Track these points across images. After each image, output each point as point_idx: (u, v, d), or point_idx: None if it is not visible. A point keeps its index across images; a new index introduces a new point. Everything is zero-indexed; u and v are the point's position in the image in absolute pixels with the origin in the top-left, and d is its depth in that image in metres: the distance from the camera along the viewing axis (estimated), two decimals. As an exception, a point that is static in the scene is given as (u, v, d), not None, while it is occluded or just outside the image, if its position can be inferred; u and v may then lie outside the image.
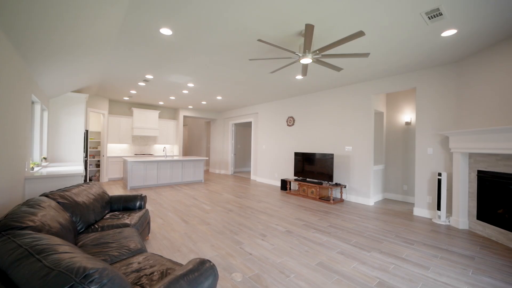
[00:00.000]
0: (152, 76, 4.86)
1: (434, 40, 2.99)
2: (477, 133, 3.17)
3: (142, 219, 2.50)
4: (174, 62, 3.98)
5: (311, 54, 2.75)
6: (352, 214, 4.09)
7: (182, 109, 8.94)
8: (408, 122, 5.22)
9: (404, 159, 5.27)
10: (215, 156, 10.04)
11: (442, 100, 3.93)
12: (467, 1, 2.22)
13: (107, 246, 1.67)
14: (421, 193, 4.15)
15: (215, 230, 3.19)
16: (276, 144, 7.18)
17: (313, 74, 4.54)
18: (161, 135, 8.72)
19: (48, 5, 1.73)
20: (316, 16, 2.49)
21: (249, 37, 3.00)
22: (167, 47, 3.35)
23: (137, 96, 6.92)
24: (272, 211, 4.18)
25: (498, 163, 3.03)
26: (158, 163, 6.54)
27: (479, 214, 3.32)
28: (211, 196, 5.31)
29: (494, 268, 2.31)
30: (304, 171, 5.77)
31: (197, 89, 5.89)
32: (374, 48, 3.26)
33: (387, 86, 4.62)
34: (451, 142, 3.63)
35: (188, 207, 4.34)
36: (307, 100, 6.24)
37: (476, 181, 3.35)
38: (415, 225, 3.57)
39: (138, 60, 3.93)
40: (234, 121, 9.27)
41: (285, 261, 2.37)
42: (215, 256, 2.45)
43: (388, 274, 2.14)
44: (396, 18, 2.50)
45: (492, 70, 3.17)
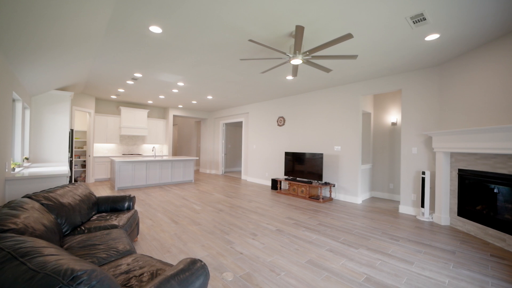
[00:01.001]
0: (141, 75, 4.77)
1: (418, 43, 3.11)
2: (458, 134, 3.32)
3: (131, 220, 2.46)
4: (164, 60, 3.92)
5: (301, 55, 2.79)
6: (340, 212, 4.18)
7: (171, 109, 8.81)
8: (394, 123, 5.39)
9: (390, 159, 5.43)
10: (206, 156, 9.96)
11: (426, 102, 4.09)
12: (449, 8, 2.32)
13: (94, 248, 1.63)
14: (406, 191, 4.29)
15: (206, 230, 3.17)
16: (267, 144, 7.22)
17: (303, 75, 4.60)
18: (150, 135, 8.55)
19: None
20: (306, 18, 2.53)
21: (240, 37, 3.01)
22: (157, 45, 3.31)
23: (125, 94, 6.77)
24: (263, 211, 4.21)
25: (477, 162, 3.19)
26: (147, 163, 6.42)
27: (460, 211, 3.48)
28: (201, 196, 5.28)
29: (472, 261, 2.44)
30: (295, 170, 5.84)
31: (187, 88, 5.83)
32: (362, 50, 3.34)
33: (375, 87, 4.75)
34: (434, 142, 3.78)
35: (178, 208, 4.29)
36: (298, 100, 6.31)
37: (457, 179, 3.51)
38: (401, 222, 3.70)
39: (126, 58, 3.84)
40: (224, 120, 9.23)
41: (276, 259, 2.40)
42: (205, 256, 2.44)
43: (375, 270, 2.22)
44: (383, 21, 2.59)
45: (471, 74, 3.33)
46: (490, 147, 2.88)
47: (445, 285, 1.99)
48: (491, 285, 2.01)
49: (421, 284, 1.99)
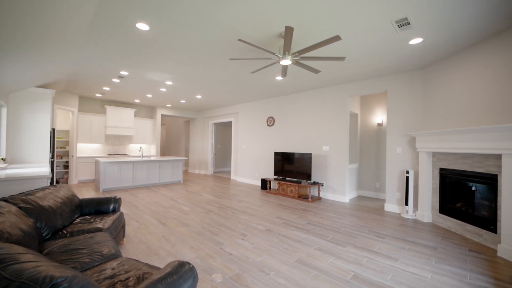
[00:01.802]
0: (127, 73, 4.64)
1: (403, 47, 3.21)
2: (439, 134, 3.46)
3: (116, 222, 2.38)
4: (152, 58, 3.83)
5: (290, 56, 2.81)
6: (329, 211, 4.25)
7: (159, 108, 8.63)
8: (380, 123, 5.54)
9: (376, 158, 5.58)
10: (195, 156, 9.84)
11: (410, 103, 4.23)
12: (431, 13, 2.41)
13: (77, 253, 1.57)
14: (391, 190, 4.43)
15: (195, 232, 3.13)
16: (257, 144, 7.22)
17: (293, 75, 4.64)
18: (137, 135, 8.34)
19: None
20: (296, 20, 2.55)
21: (229, 36, 2.99)
22: (144, 43, 3.23)
23: (111, 93, 6.56)
24: (252, 211, 4.20)
25: (456, 161, 3.34)
26: (134, 164, 6.26)
27: (441, 208, 3.63)
28: (190, 197, 5.20)
29: (453, 256, 2.55)
30: (284, 170, 5.88)
31: (176, 87, 5.73)
32: (349, 52, 3.41)
33: (361, 88, 4.86)
34: (417, 142, 3.92)
35: (166, 209, 4.21)
36: (287, 101, 6.36)
37: (439, 178, 3.66)
38: (386, 220, 3.81)
39: (112, 56, 3.72)
40: (214, 120, 9.15)
41: (265, 259, 2.40)
42: (194, 257, 2.41)
43: (362, 267, 2.27)
44: (370, 24, 2.65)
45: (452, 77, 3.48)
46: (468, 147, 3.02)
47: (427, 280, 2.06)
48: (469, 279, 2.11)
49: (406, 280, 2.06)
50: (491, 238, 2.83)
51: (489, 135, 2.77)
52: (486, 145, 2.80)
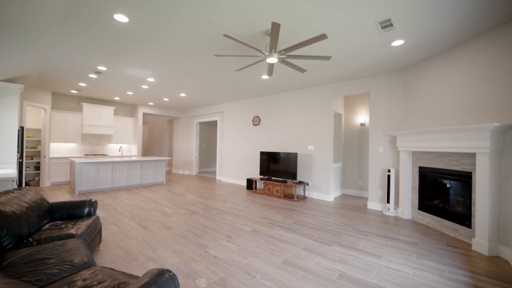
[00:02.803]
0: (105, 68, 4.38)
1: (385, 48, 3.29)
2: (418, 134, 3.59)
3: (91, 227, 2.22)
4: (132, 53, 3.64)
5: (277, 54, 2.77)
6: (314, 210, 4.28)
7: (141, 106, 8.30)
8: (362, 123, 5.68)
9: (359, 157, 5.72)
10: (179, 156, 9.57)
11: (392, 104, 4.37)
12: (413, 16, 2.48)
13: (43, 263, 1.42)
14: (374, 188, 4.55)
15: (178, 235, 3.01)
16: (242, 143, 7.15)
17: (279, 74, 4.62)
18: (117, 134, 7.96)
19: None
20: (282, 17, 2.52)
21: (215, 32, 2.90)
22: (123, 36, 3.05)
23: (88, 89, 6.19)
24: (238, 211, 4.13)
25: (434, 160, 3.48)
26: (113, 164, 5.95)
27: (420, 205, 3.77)
28: (173, 198, 5.03)
29: (432, 252, 2.64)
30: (270, 170, 5.86)
31: (158, 84, 5.52)
32: (334, 52, 3.44)
33: (346, 89, 4.95)
34: (398, 141, 4.05)
35: (147, 211, 4.03)
36: (273, 100, 6.34)
37: (418, 176, 3.80)
38: (369, 218, 3.89)
39: (88, 49, 3.49)
40: (199, 119, 8.95)
41: (251, 261, 2.34)
42: (177, 262, 2.30)
43: (347, 266, 2.28)
44: (355, 24, 2.68)
45: (430, 79, 3.62)
46: (445, 146, 3.16)
47: (410, 276, 2.11)
48: (448, 273, 2.19)
49: (389, 277, 2.09)
50: (466, 233, 2.98)
51: (464, 134, 2.90)
52: (462, 144, 2.93)
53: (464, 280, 2.08)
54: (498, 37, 2.69)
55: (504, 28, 2.63)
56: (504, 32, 2.64)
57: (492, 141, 2.60)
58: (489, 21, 2.58)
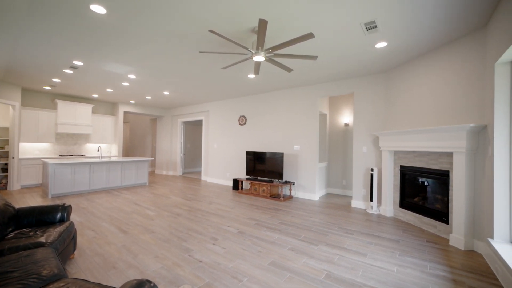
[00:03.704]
0: (81, 63, 4.11)
1: (369, 50, 3.36)
2: (399, 134, 3.71)
3: (64, 234, 2.05)
4: (111, 48, 3.44)
5: (263, 52, 2.73)
6: (300, 210, 4.29)
7: (122, 104, 7.94)
8: (346, 124, 5.80)
9: (343, 157, 5.84)
10: (162, 156, 9.27)
11: (375, 105, 4.48)
12: (396, 19, 2.54)
13: (5, 278, 1.26)
14: (357, 187, 4.65)
15: (161, 238, 2.88)
16: (228, 143, 7.05)
17: (265, 74, 4.59)
18: (95, 133, 7.55)
19: None
20: (269, 14, 2.48)
21: (200, 28, 2.80)
22: (101, 28, 2.86)
23: (62, 86, 5.80)
24: (224, 212, 4.05)
25: (415, 159, 3.61)
26: (91, 165, 5.63)
27: (401, 203, 3.90)
28: (156, 200, 4.84)
29: (413, 248, 2.72)
30: (256, 170, 5.82)
31: (140, 81, 5.29)
32: (321, 53, 3.46)
33: (331, 90, 5.02)
34: (381, 141, 4.16)
35: (128, 215, 3.83)
36: (259, 100, 6.31)
37: (399, 175, 3.92)
38: (353, 216, 3.97)
39: (62, 42, 3.25)
40: (183, 119, 8.73)
41: (238, 264, 2.28)
42: (159, 268, 2.19)
43: (334, 265, 2.29)
44: (341, 25, 2.70)
45: (410, 81, 3.75)
46: (424, 146, 3.28)
47: (394, 274, 2.16)
48: (429, 269, 2.26)
49: (375, 275, 2.12)
50: (444, 229, 3.11)
51: (442, 135, 3.03)
52: (440, 144, 3.05)
53: (444, 275, 2.16)
54: (472, 43, 2.83)
55: (477, 35, 2.77)
56: (477, 38, 2.78)
57: (468, 141, 2.73)
58: (464, 28, 2.71)
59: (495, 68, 2.38)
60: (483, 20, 2.56)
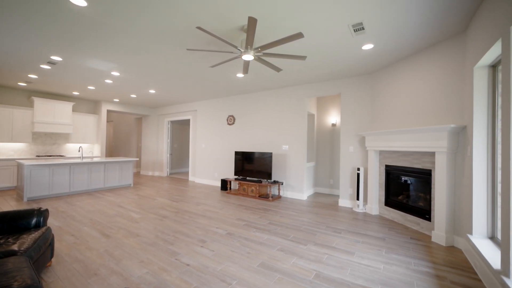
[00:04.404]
0: (61, 58, 3.90)
1: (356, 51, 3.42)
2: (384, 134, 3.80)
3: (40, 241, 1.91)
4: (93, 43, 3.28)
5: (253, 51, 2.70)
6: (289, 210, 4.31)
7: (105, 102, 7.63)
8: (334, 124, 5.89)
9: (330, 157, 5.93)
10: (148, 157, 9.01)
11: (361, 105, 4.58)
12: (382, 21, 2.59)
13: (-30, 291, 1.16)
14: (344, 186, 4.73)
15: (146, 242, 2.78)
16: (217, 143, 6.97)
17: (254, 73, 4.56)
18: (76, 132, 7.20)
19: None
20: (259, 13, 2.45)
21: (187, 24, 2.73)
22: (82, 22, 2.72)
23: (40, 82, 5.48)
24: (212, 214, 3.98)
25: (399, 159, 3.72)
26: (71, 166, 5.36)
27: (386, 201, 4.00)
28: (141, 202, 4.68)
29: (399, 245, 2.80)
30: (245, 170, 5.78)
31: (125, 79, 5.09)
32: (309, 53, 3.48)
33: (318, 90, 5.08)
34: (367, 141, 4.26)
35: (111, 218, 3.67)
36: (248, 100, 6.27)
37: (385, 174, 4.03)
38: (341, 215, 4.03)
39: (39, 35, 3.06)
40: (170, 118, 8.52)
41: (227, 267, 2.24)
42: (145, 274, 2.10)
43: (323, 265, 2.30)
44: (329, 26, 2.72)
45: (394, 83, 3.86)
46: (408, 145, 3.38)
47: (381, 271, 2.20)
48: (414, 265, 2.33)
49: (362, 273, 2.15)
50: (426, 226, 3.22)
51: (424, 135, 3.14)
52: (423, 144, 3.16)
53: (427, 271, 2.23)
54: (453, 47, 2.95)
55: (457, 39, 2.89)
56: (457, 42, 2.89)
57: (449, 141, 2.84)
58: (445, 32, 2.81)
59: (474, 71, 2.49)
60: (463, 25, 2.67)
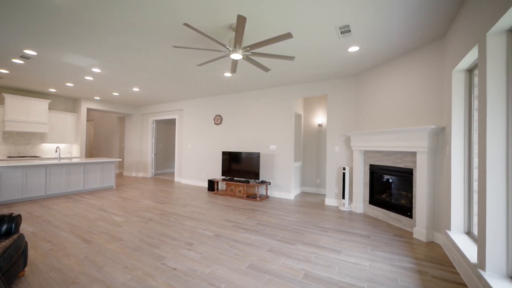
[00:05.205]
0: (35, 53, 3.65)
1: (343, 53, 3.49)
2: (368, 135, 3.92)
3: (11, 249, 1.77)
4: (71, 37, 3.10)
5: (241, 50, 2.67)
6: (277, 210, 4.32)
7: (85, 100, 7.27)
8: (320, 124, 5.99)
9: (317, 156, 6.02)
10: (131, 157, 8.70)
11: (346, 106, 4.68)
12: (368, 25, 2.65)
13: None
14: (331, 185, 4.82)
15: (130, 247, 2.66)
16: (203, 143, 6.85)
17: (242, 73, 4.52)
18: (53, 132, 6.80)
19: None
20: (248, 11, 2.43)
21: (174, 21, 2.65)
22: (59, 15, 2.55)
23: (11, 78, 5.11)
24: (199, 215, 3.91)
25: (382, 158, 3.84)
26: (47, 168, 5.05)
27: (370, 200, 4.13)
28: (125, 205, 4.50)
29: (383, 242, 2.88)
30: (232, 170, 5.73)
31: (106, 76, 4.87)
32: (297, 53, 3.51)
33: (306, 91, 5.14)
34: (352, 141, 4.36)
35: (92, 222, 3.50)
36: (235, 99, 6.22)
37: (369, 173, 4.15)
38: (327, 214, 4.10)
39: (9, 27, 2.84)
40: (155, 117, 8.28)
41: (215, 270, 2.20)
42: (129, 280, 2.01)
43: (311, 264, 2.32)
44: (317, 27, 2.74)
45: (379, 84, 3.98)
46: (391, 145, 3.50)
47: (367, 269, 2.25)
48: (397, 261, 2.41)
49: (349, 271, 2.19)
50: (408, 223, 3.35)
51: (406, 135, 3.26)
52: (405, 144, 3.28)
53: (410, 267, 2.31)
54: (433, 51, 3.08)
55: (437, 44, 3.02)
56: (437, 47, 3.03)
57: (429, 141, 2.97)
58: (426, 37, 2.93)
59: (452, 75, 2.61)
60: (442, 31, 2.80)
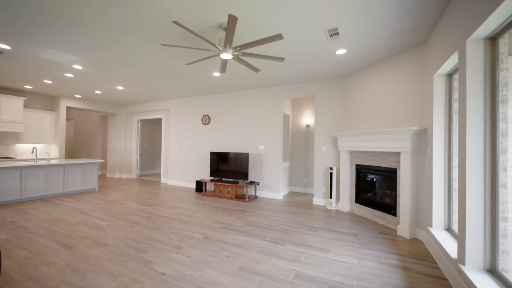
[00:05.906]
0: (8, 47, 3.42)
1: (331, 56, 3.55)
2: (354, 135, 4.02)
3: (-16, 259, 1.64)
4: (49, 31, 2.93)
5: (231, 50, 2.64)
6: (266, 210, 4.33)
7: (64, 98, 6.91)
8: (308, 125, 6.07)
9: (305, 157, 6.10)
10: (115, 158, 8.38)
11: (333, 107, 4.78)
12: (356, 28, 2.72)
13: None
14: (318, 185, 4.90)
15: (114, 252, 2.56)
16: (191, 143, 6.74)
17: (231, 73, 4.49)
18: (29, 131, 6.40)
19: None
20: (239, 10, 2.40)
21: (162, 18, 2.57)
22: (36, 7, 2.40)
23: (-20, 73, 4.76)
24: (187, 217, 3.83)
25: (368, 158, 3.96)
26: (23, 170, 4.74)
27: (357, 199, 4.24)
28: (108, 208, 4.33)
29: (369, 240, 2.97)
30: (220, 170, 5.68)
31: (88, 73, 4.66)
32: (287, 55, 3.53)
33: (294, 92, 5.19)
34: (339, 142, 4.46)
35: (72, 226, 3.33)
36: (224, 99, 6.17)
37: (355, 173, 4.26)
38: (315, 213, 4.16)
39: (-22, 19, 2.64)
40: (140, 116, 8.03)
41: (205, 273, 2.16)
42: (114, 287, 1.93)
43: (301, 264, 2.34)
44: (307, 29, 2.78)
45: (365, 86, 4.09)
46: (376, 146, 3.62)
47: (355, 267, 2.31)
48: (383, 259, 2.49)
49: (339, 270, 2.24)
50: (392, 221, 3.47)
51: (390, 136, 3.38)
52: (389, 144, 3.40)
53: (395, 263, 2.39)
54: (416, 55, 3.22)
55: (420, 48, 3.16)
56: (419, 51, 3.16)
57: (412, 142, 3.09)
58: (410, 41, 3.06)
59: (434, 79, 2.74)
60: (425, 36, 2.93)
